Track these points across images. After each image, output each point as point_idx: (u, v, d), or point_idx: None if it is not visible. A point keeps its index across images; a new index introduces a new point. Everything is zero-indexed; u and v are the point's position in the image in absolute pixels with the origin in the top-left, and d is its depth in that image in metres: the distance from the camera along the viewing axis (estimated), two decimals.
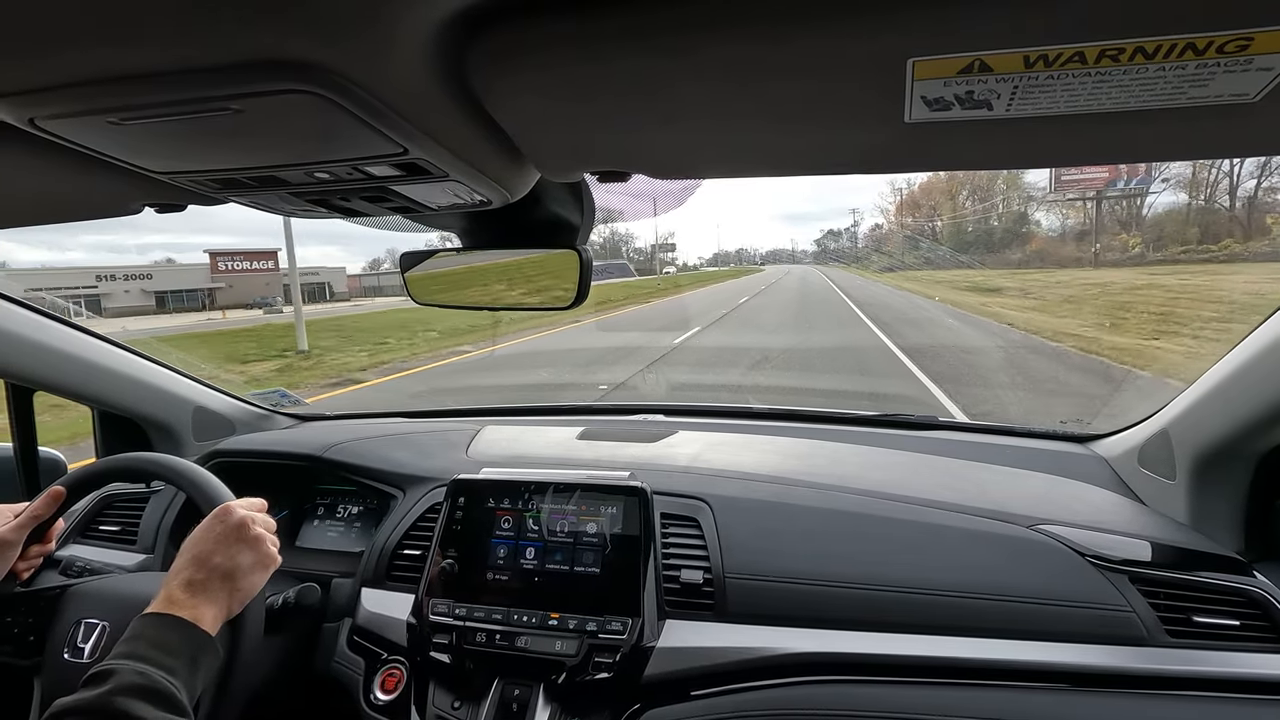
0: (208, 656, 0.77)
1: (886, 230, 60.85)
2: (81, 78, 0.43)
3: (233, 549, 0.85)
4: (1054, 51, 0.37)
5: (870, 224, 68.64)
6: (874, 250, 60.36)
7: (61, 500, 1.01)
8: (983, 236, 45.13)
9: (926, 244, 45.47)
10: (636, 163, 0.60)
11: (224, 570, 0.83)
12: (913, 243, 48.61)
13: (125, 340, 1.55)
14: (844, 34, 0.37)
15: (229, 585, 0.83)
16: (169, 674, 0.70)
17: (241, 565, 0.85)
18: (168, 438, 1.62)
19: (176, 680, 0.70)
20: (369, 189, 0.62)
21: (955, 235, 47.46)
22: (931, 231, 50.50)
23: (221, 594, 0.82)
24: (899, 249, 51.25)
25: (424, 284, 0.99)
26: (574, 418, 1.82)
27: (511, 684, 1.01)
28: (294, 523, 1.45)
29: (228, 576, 0.83)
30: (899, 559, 1.05)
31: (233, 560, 0.85)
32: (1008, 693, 0.92)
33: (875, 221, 68.68)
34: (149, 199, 0.75)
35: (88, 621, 0.97)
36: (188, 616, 0.77)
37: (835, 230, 74.88)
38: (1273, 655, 0.92)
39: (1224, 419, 1.05)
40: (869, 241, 69.66)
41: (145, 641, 0.73)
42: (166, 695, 0.68)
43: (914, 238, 50.34)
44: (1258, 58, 0.36)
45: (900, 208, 49.35)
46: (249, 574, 0.86)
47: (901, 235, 48.25)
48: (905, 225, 49.09)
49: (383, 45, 0.41)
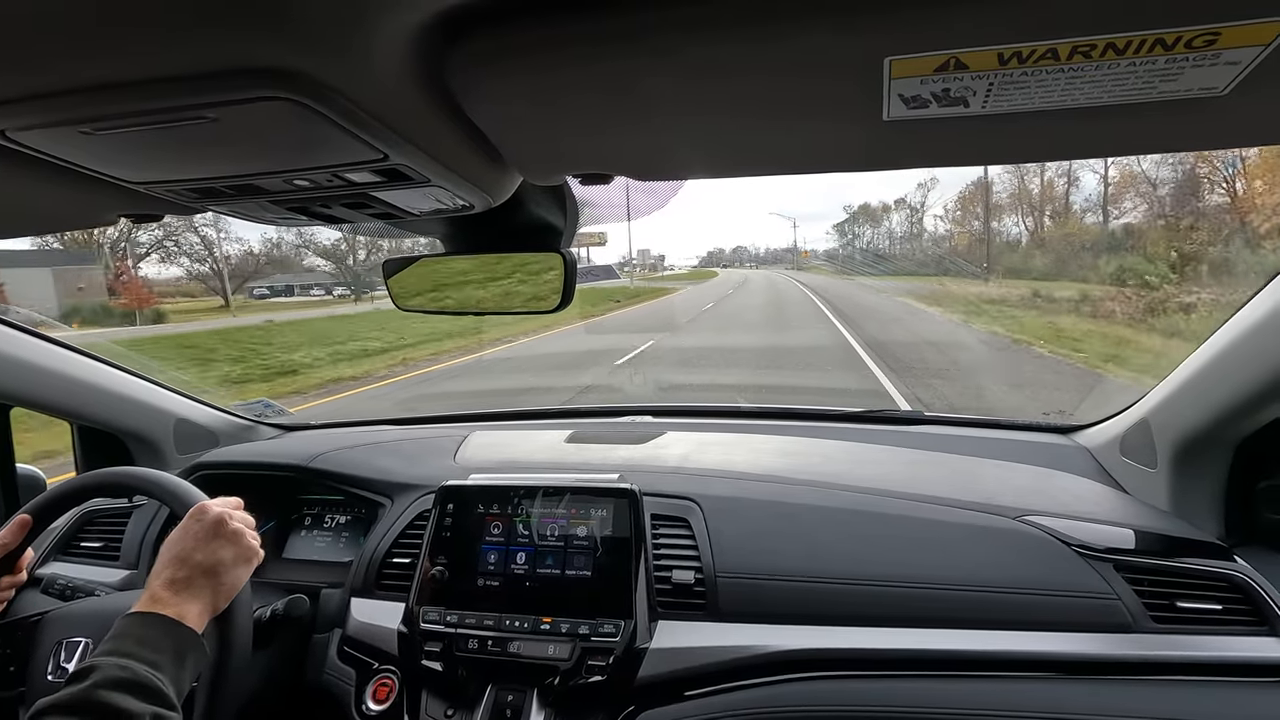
0: (194, 652, 0.76)
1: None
2: (52, 88, 0.42)
3: (212, 544, 0.85)
4: (1027, 49, 0.37)
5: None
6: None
7: (29, 528, 0.98)
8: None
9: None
10: (618, 165, 0.60)
11: (206, 566, 0.83)
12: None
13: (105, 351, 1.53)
14: (820, 34, 0.38)
15: (212, 581, 0.83)
16: (153, 668, 0.69)
17: (223, 560, 0.84)
18: (149, 451, 1.59)
19: (162, 675, 0.69)
20: (350, 196, 0.62)
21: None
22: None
23: (205, 590, 0.81)
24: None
25: (407, 291, 0.99)
26: (562, 421, 1.82)
27: (504, 690, 1.01)
28: (281, 534, 1.43)
29: (210, 573, 0.83)
30: (889, 554, 1.06)
31: (214, 556, 0.84)
32: (998, 683, 0.93)
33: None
34: (124, 209, 0.74)
35: (70, 641, 0.96)
36: (172, 614, 0.76)
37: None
38: (1254, 638, 0.94)
39: (1202, 407, 1.07)
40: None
41: (129, 638, 0.72)
42: (151, 688, 0.67)
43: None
44: (1225, 52, 0.36)
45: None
46: (231, 569, 0.85)
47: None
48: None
49: (360, 51, 0.41)
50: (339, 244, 36.50)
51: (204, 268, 34.71)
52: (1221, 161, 20.94)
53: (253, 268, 38.09)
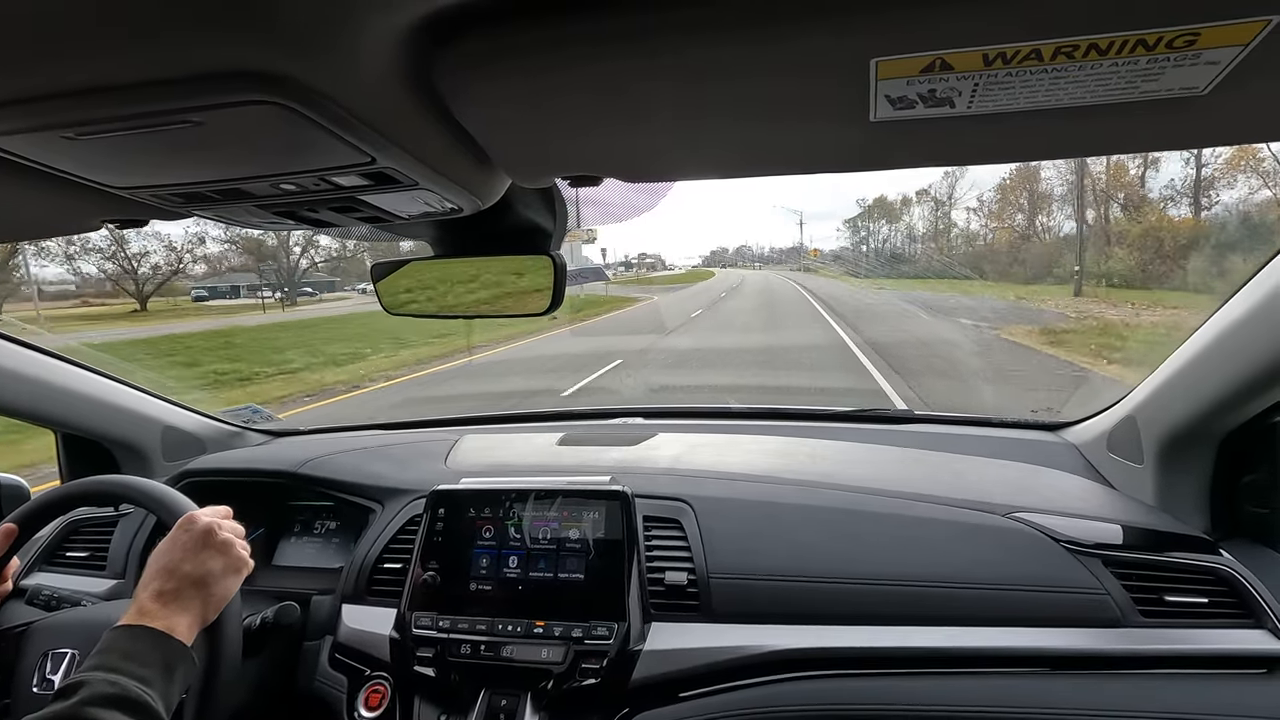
0: (183, 665, 0.75)
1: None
2: (34, 93, 0.42)
3: (201, 555, 0.84)
4: (1011, 49, 0.37)
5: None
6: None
7: (14, 538, 0.97)
8: None
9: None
10: (606, 167, 0.60)
11: (194, 578, 0.82)
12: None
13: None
14: (807, 36, 0.38)
15: (201, 592, 0.82)
16: (143, 683, 0.68)
17: (212, 571, 0.84)
18: (136, 459, 1.58)
19: (151, 690, 0.69)
20: (337, 200, 0.61)
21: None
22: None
23: (194, 602, 0.81)
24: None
25: (396, 294, 0.98)
26: (553, 423, 1.82)
27: (498, 695, 1.00)
28: (270, 541, 1.41)
29: (199, 584, 0.82)
30: (881, 552, 1.06)
31: (202, 567, 0.83)
32: (990, 679, 0.94)
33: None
34: (108, 215, 0.73)
35: (56, 652, 0.94)
36: (160, 626, 0.75)
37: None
38: (1241, 630, 0.95)
39: (1187, 402, 1.08)
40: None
41: (117, 653, 0.71)
42: (141, 704, 0.66)
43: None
44: (1205, 52, 0.37)
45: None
46: (220, 579, 0.84)
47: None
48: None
49: (347, 54, 0.40)
50: (265, 241, 33.31)
51: (116, 266, 31.46)
52: None
53: (174, 267, 34.86)
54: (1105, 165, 26.49)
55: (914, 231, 49.71)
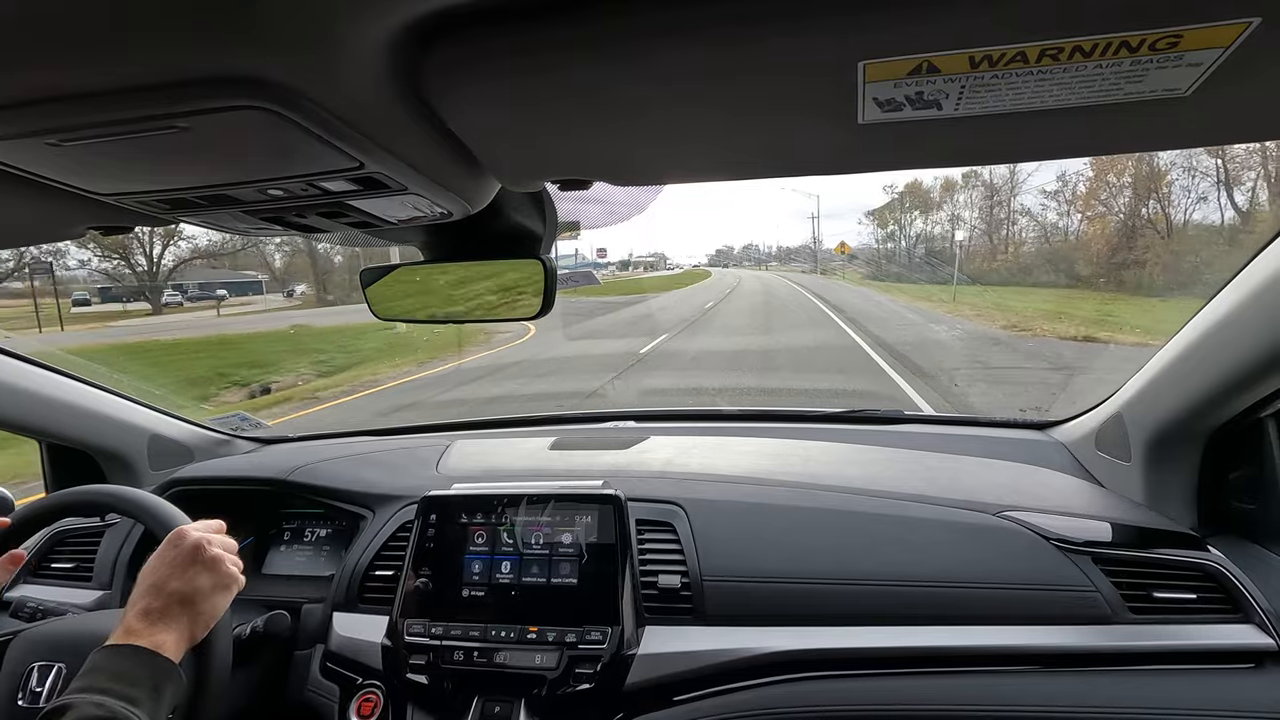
0: (171, 684, 0.74)
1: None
2: (16, 99, 0.41)
3: (190, 572, 0.83)
4: (997, 52, 0.38)
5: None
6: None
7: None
8: None
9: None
10: (595, 170, 0.60)
11: (182, 595, 0.81)
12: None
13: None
14: (795, 38, 0.38)
15: (189, 610, 0.81)
16: (130, 704, 0.67)
17: (201, 588, 0.82)
18: (123, 468, 1.56)
19: (139, 710, 0.68)
20: (325, 205, 0.61)
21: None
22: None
23: (182, 620, 0.80)
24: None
25: (386, 300, 0.98)
26: (545, 428, 1.81)
27: (492, 701, 1.00)
28: (260, 549, 1.40)
29: (187, 601, 0.81)
30: (873, 553, 1.06)
31: (191, 584, 0.82)
32: (982, 678, 0.94)
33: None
34: (93, 222, 0.72)
35: (41, 665, 0.93)
36: (148, 645, 0.74)
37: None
38: (1229, 625, 0.96)
39: (1174, 400, 1.09)
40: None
41: (103, 674, 0.70)
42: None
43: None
44: (1187, 54, 0.37)
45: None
46: (209, 597, 0.83)
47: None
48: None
49: (333, 58, 0.40)
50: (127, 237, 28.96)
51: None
52: None
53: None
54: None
55: (959, 221, 39.05)
